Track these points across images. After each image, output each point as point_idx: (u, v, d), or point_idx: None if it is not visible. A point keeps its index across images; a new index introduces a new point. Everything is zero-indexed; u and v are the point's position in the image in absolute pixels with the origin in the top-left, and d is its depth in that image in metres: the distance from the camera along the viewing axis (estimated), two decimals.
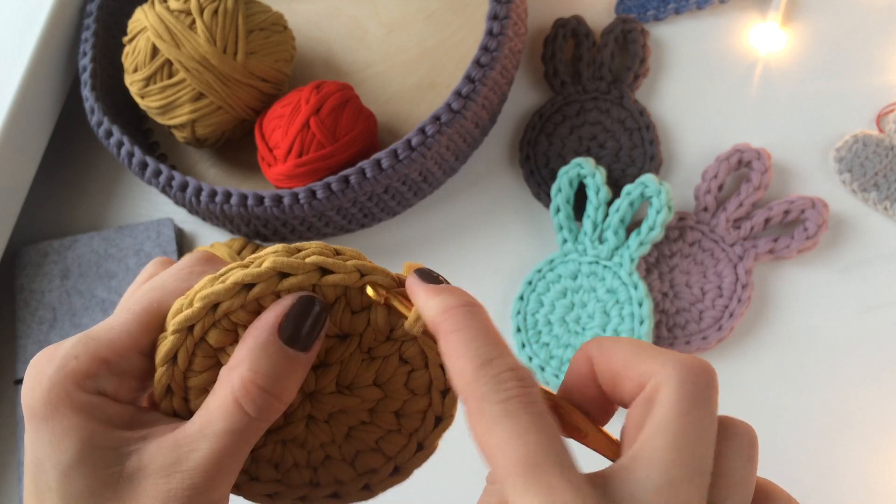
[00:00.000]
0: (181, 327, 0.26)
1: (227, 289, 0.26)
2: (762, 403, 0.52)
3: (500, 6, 0.53)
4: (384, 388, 0.30)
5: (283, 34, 0.56)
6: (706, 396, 0.24)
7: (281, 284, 0.26)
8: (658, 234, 0.52)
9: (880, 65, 0.58)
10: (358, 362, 0.29)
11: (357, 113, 0.53)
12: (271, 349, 0.26)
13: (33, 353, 0.56)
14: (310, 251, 0.27)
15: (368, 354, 0.29)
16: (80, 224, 0.62)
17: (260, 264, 0.26)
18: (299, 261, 0.26)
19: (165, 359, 0.26)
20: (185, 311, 0.26)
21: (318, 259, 0.27)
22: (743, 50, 0.59)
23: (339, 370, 0.29)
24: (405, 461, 0.31)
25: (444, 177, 0.57)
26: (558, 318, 0.53)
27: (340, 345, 0.28)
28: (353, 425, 0.30)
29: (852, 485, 0.49)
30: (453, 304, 0.26)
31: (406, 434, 0.30)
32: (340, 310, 0.28)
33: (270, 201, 0.52)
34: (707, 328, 0.53)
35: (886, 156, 0.55)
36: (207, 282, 0.26)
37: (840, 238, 0.54)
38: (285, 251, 0.27)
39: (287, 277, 0.26)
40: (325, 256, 0.27)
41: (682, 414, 0.23)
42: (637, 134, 0.57)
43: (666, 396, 0.23)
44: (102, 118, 0.56)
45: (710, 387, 0.24)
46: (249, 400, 0.25)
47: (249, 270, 0.26)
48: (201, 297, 0.26)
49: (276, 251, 0.27)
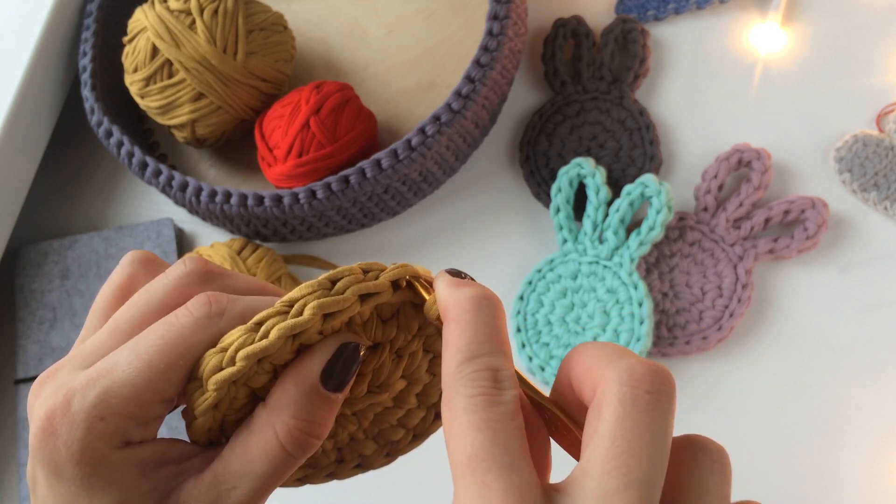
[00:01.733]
0: (225, 384, 0.25)
1: (272, 343, 0.25)
2: (762, 403, 0.52)
3: (500, 6, 0.53)
4: (409, 378, 0.30)
5: (283, 34, 0.56)
6: (650, 401, 0.22)
7: (325, 325, 0.26)
8: (658, 234, 0.52)
9: (880, 65, 0.58)
10: (389, 365, 0.29)
11: (357, 113, 0.53)
12: (315, 397, 0.26)
13: (33, 353, 0.56)
14: (344, 282, 0.26)
15: (397, 355, 0.29)
16: (80, 224, 0.62)
17: (301, 310, 0.25)
18: (341, 297, 0.26)
19: (207, 410, 0.26)
20: (228, 369, 0.25)
21: (357, 288, 0.26)
22: (743, 50, 0.59)
23: (373, 374, 0.29)
24: (424, 429, 0.32)
25: (444, 177, 0.57)
26: (558, 318, 0.53)
27: (373, 355, 0.29)
28: (378, 412, 0.31)
29: (852, 484, 0.49)
30: (467, 295, 0.25)
31: (425, 407, 0.31)
32: (374, 325, 0.28)
33: (270, 201, 0.52)
34: (707, 328, 0.53)
35: (886, 156, 0.55)
36: (245, 334, 0.25)
37: (840, 238, 0.54)
38: (322, 287, 0.26)
39: (331, 316, 0.26)
40: (358, 283, 0.26)
41: (620, 420, 0.22)
42: (637, 134, 0.57)
43: (607, 402, 0.23)
44: (102, 118, 0.56)
45: (656, 391, 0.23)
46: (295, 445, 0.26)
47: (296, 321, 0.25)
48: (245, 355, 0.25)
49: (312, 290, 0.26)
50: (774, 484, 0.50)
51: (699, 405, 0.52)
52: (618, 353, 0.24)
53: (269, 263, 0.53)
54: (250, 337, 0.25)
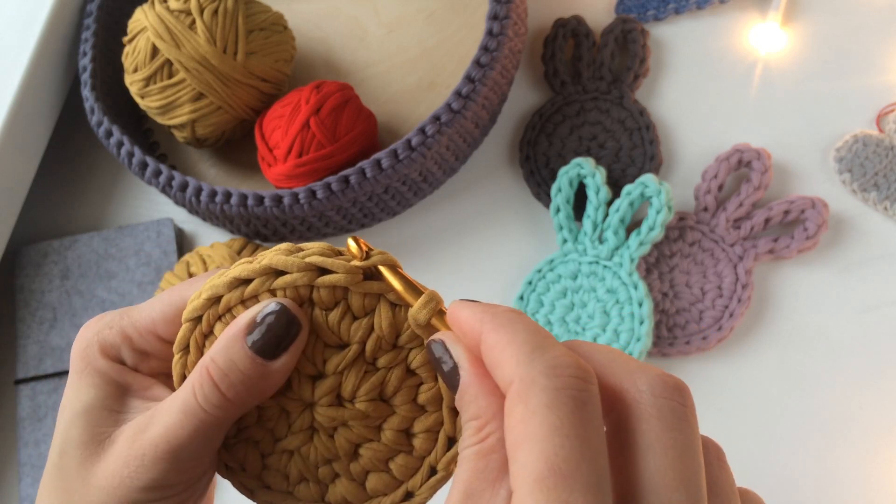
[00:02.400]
0: (190, 318, 0.27)
1: (225, 283, 0.27)
2: (762, 403, 0.52)
3: (500, 6, 0.53)
4: (390, 403, 0.28)
5: (283, 34, 0.56)
6: (687, 413, 0.22)
7: (275, 283, 0.26)
8: (658, 234, 0.52)
9: (880, 65, 0.58)
10: (359, 373, 0.27)
11: (357, 113, 0.53)
12: (233, 349, 0.26)
13: (33, 353, 0.56)
14: (310, 251, 0.27)
15: (372, 365, 0.27)
16: (80, 224, 0.62)
17: (259, 263, 0.27)
18: (296, 259, 0.26)
19: (178, 347, 0.28)
20: (193, 302, 0.27)
21: (316, 259, 0.26)
22: (743, 50, 0.59)
23: (339, 382, 0.28)
24: (417, 486, 0.29)
25: (444, 177, 0.57)
26: (558, 318, 0.53)
27: (337, 355, 0.27)
28: (359, 443, 0.29)
29: (852, 484, 0.49)
30: (496, 309, 0.24)
31: (418, 457, 0.29)
32: (339, 315, 0.27)
33: (270, 201, 0.52)
34: (707, 328, 0.53)
35: (886, 156, 0.55)
36: (217, 278, 0.27)
37: (840, 238, 0.54)
38: (286, 250, 0.27)
39: (281, 275, 0.26)
40: (326, 257, 0.27)
41: (667, 431, 0.21)
42: (637, 134, 0.57)
43: (643, 415, 0.22)
44: (102, 118, 0.56)
45: (690, 404, 0.23)
46: (199, 387, 0.26)
47: (246, 266, 0.27)
48: (205, 289, 0.27)
49: (278, 249, 0.27)
50: (774, 484, 0.50)
51: (699, 405, 0.52)
52: (627, 362, 0.23)
53: None
54: (216, 279, 0.27)
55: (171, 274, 0.53)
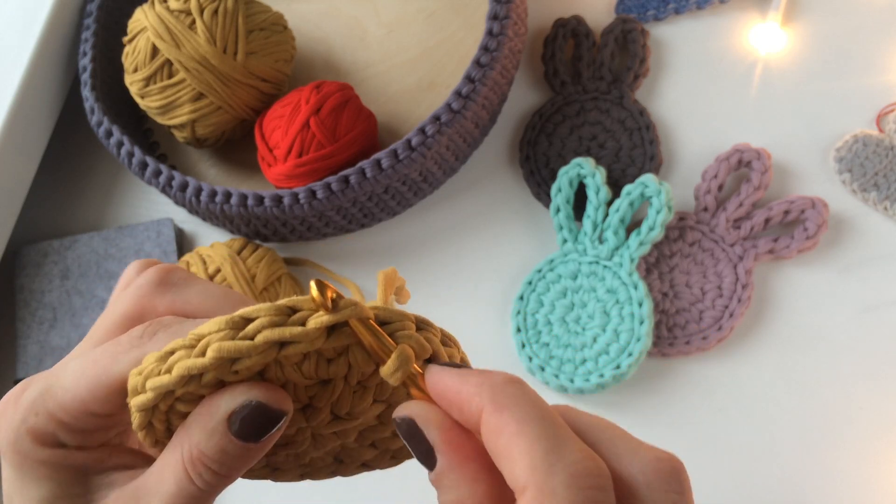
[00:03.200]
0: (143, 409, 0.25)
1: (173, 381, 0.24)
2: (762, 403, 0.52)
3: (500, 6, 0.53)
4: (388, 400, 0.27)
5: (283, 34, 0.56)
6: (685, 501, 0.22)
7: (234, 367, 0.24)
8: (658, 234, 0.52)
9: (880, 65, 0.58)
10: (349, 396, 0.26)
11: (357, 113, 0.53)
12: (219, 438, 0.24)
13: (33, 354, 0.56)
14: (260, 321, 0.23)
15: (360, 386, 0.26)
16: (80, 224, 0.62)
17: (204, 350, 0.23)
18: (247, 343, 0.23)
19: (140, 427, 0.25)
20: (142, 396, 0.24)
21: (271, 334, 0.23)
22: (743, 50, 0.59)
23: (332, 407, 0.27)
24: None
25: (444, 177, 0.57)
26: (558, 318, 0.53)
27: (324, 390, 0.26)
28: (363, 430, 0.29)
29: (852, 484, 0.49)
30: (502, 380, 0.22)
31: None
32: (313, 366, 0.25)
33: (270, 201, 0.52)
34: (707, 328, 0.53)
35: (886, 156, 0.55)
36: (155, 363, 0.24)
37: (840, 238, 0.54)
38: (229, 325, 0.24)
39: (237, 362, 0.23)
40: (279, 325, 0.23)
41: None
42: (637, 134, 0.57)
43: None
44: (102, 118, 0.56)
45: (683, 493, 0.22)
46: (197, 475, 0.25)
47: (193, 363, 0.23)
48: (151, 386, 0.24)
49: (219, 328, 0.24)
50: (774, 484, 0.50)
51: (699, 405, 0.52)
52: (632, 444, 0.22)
53: (269, 263, 0.53)
54: (157, 367, 0.24)
55: None
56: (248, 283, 0.51)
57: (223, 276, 0.52)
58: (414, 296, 0.57)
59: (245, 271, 0.52)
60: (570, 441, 0.21)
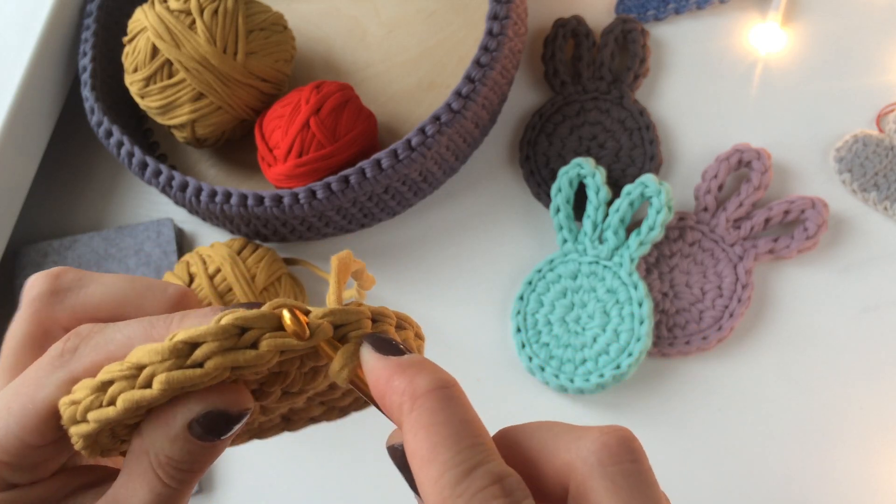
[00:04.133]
0: (86, 436, 0.24)
1: (119, 414, 0.23)
2: (762, 403, 0.52)
3: (500, 6, 0.53)
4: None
5: (283, 34, 0.56)
6: (637, 471, 0.21)
7: (185, 391, 0.23)
8: (658, 234, 0.52)
9: (880, 65, 0.58)
10: (301, 379, 0.26)
11: (357, 113, 0.53)
12: (182, 443, 0.24)
13: None
14: (206, 350, 0.22)
15: (312, 370, 0.26)
16: (80, 224, 0.62)
17: (149, 381, 0.22)
18: (199, 372, 0.22)
19: (83, 449, 0.24)
20: (83, 426, 0.23)
21: (222, 361, 0.22)
22: (743, 50, 0.59)
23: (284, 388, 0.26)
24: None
25: (444, 177, 0.57)
26: (558, 318, 0.53)
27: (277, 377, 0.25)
28: (312, 396, 0.28)
29: (852, 484, 0.49)
30: (424, 389, 0.21)
31: None
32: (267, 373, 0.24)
33: (270, 201, 0.52)
34: (707, 328, 0.53)
35: (886, 156, 0.55)
36: (92, 395, 0.23)
37: (840, 238, 0.54)
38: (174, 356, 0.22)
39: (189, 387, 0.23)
40: (226, 350, 0.22)
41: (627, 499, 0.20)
42: (637, 134, 0.57)
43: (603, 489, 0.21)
44: (102, 118, 0.56)
45: (639, 458, 0.21)
46: (169, 477, 0.24)
47: (142, 396, 0.22)
48: (94, 418, 0.23)
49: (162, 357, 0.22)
50: (774, 484, 0.50)
51: (699, 405, 0.52)
52: (568, 432, 0.22)
53: (269, 263, 0.53)
54: (97, 399, 0.23)
55: (171, 274, 0.53)
56: (248, 283, 0.51)
57: (223, 276, 0.52)
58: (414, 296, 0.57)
59: (245, 271, 0.52)
60: (482, 465, 0.20)
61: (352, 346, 0.24)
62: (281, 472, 0.52)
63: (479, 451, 0.21)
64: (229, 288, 0.51)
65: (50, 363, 0.24)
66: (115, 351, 0.24)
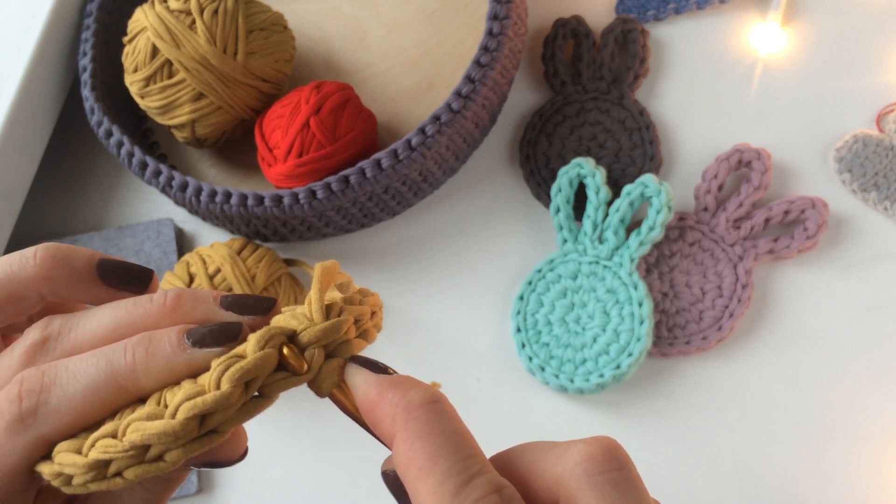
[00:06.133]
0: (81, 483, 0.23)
1: (131, 481, 0.23)
2: (762, 403, 0.52)
3: (500, 6, 0.53)
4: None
5: (283, 34, 0.56)
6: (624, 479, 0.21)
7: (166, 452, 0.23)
8: (658, 234, 0.52)
9: (880, 65, 0.58)
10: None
11: (357, 113, 0.53)
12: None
13: None
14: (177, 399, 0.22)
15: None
16: (80, 224, 0.62)
17: (123, 433, 0.23)
18: (162, 465, 0.22)
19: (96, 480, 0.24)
20: (78, 489, 0.23)
21: (191, 411, 0.22)
22: (743, 50, 0.59)
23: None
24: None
25: (444, 177, 0.57)
26: (558, 318, 0.53)
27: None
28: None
29: (852, 484, 0.49)
30: (419, 401, 0.22)
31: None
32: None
33: (270, 201, 0.52)
34: (707, 328, 0.53)
35: (886, 156, 0.55)
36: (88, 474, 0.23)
37: (840, 238, 0.54)
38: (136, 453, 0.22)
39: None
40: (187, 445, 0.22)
41: None
42: (637, 134, 0.57)
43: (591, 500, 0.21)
44: (102, 118, 0.56)
45: (625, 466, 0.21)
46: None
47: (159, 466, 0.22)
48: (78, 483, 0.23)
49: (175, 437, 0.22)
50: (774, 484, 0.50)
51: (699, 405, 0.52)
52: (553, 447, 0.22)
53: (269, 263, 0.53)
54: (99, 473, 0.23)
55: (171, 274, 0.53)
56: (248, 283, 0.51)
57: (223, 276, 0.52)
58: (414, 296, 0.57)
59: (245, 271, 0.52)
60: (480, 475, 0.21)
61: (338, 361, 0.24)
62: (281, 472, 0.52)
63: (477, 461, 0.21)
64: (229, 288, 0.51)
65: (9, 428, 0.23)
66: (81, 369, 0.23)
